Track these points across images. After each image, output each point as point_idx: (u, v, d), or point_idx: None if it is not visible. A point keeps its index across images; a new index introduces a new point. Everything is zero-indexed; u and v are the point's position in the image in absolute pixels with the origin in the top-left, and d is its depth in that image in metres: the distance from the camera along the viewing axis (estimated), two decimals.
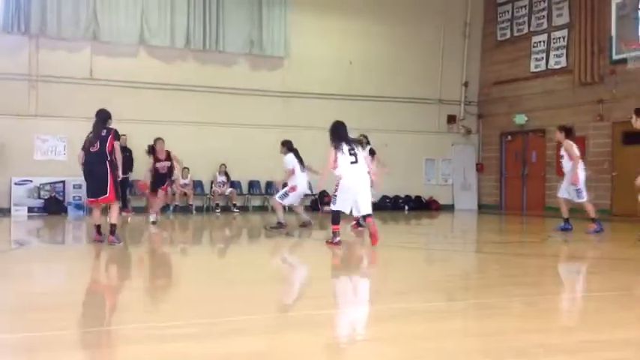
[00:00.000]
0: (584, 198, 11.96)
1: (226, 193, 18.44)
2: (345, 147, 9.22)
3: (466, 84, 21.60)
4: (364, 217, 9.66)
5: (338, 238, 9.28)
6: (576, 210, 12.53)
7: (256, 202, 19.33)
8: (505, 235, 12.38)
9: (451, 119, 21.47)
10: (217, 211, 18.00)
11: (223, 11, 18.72)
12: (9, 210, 16.42)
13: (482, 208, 21.02)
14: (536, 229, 14.80)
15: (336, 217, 9.30)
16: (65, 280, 7.06)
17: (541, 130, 19.66)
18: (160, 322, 4.61)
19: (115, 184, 9.24)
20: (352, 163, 9.20)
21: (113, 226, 9.26)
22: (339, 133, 9.37)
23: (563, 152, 12.10)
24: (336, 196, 9.27)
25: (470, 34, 21.55)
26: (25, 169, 16.75)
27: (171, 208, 17.64)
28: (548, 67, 19.43)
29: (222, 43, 18.74)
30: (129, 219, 15.46)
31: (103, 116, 9.55)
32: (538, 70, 19.76)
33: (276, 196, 12.81)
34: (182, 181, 17.73)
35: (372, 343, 4.15)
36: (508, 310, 5.19)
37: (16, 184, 16.62)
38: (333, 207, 9.33)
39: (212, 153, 18.26)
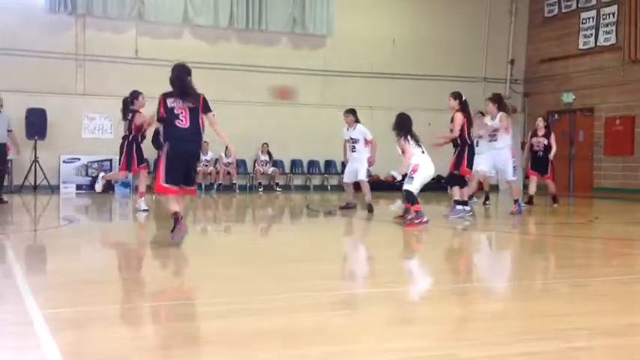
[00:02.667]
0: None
1: (269, 172, 18.56)
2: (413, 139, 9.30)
3: (512, 62, 21.24)
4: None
5: (426, 217, 9.09)
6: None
7: (298, 181, 19.42)
8: (551, 217, 12.20)
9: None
10: (260, 190, 18.14)
11: None
12: (58, 187, 16.81)
13: (527, 188, 20.67)
14: (584, 210, 14.54)
15: (415, 197, 9.23)
16: (112, 256, 7.22)
17: (589, 109, 19.25)
18: (207, 299, 4.69)
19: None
20: (422, 152, 9.32)
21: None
22: (408, 125, 9.41)
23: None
24: (413, 177, 9.14)
25: (516, 11, 21.14)
26: (73, 147, 17.12)
27: (215, 186, 17.87)
28: (597, 44, 18.96)
29: (265, 22, 18.76)
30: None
31: (181, 72, 7.34)
32: (586, 47, 19.30)
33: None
34: (225, 160, 17.90)
35: (417, 323, 4.16)
36: (554, 293, 5.14)
37: (64, 161, 16.99)
38: (411, 188, 9.21)
39: (255, 132, 18.35)
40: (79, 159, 17.09)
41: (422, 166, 9.13)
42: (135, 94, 10.96)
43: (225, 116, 17.61)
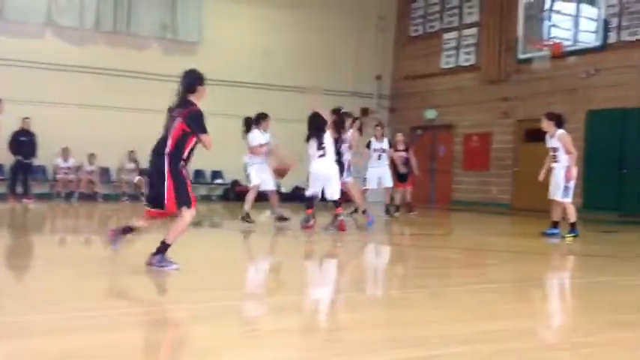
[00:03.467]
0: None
1: (134, 181, 18.02)
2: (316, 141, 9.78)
3: (379, 77, 21.92)
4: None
5: (311, 222, 10.02)
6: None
7: None
8: (412, 228, 12.69)
9: (365, 112, 21.74)
10: (125, 199, 17.57)
11: None
12: None
13: (392, 200, 21.38)
14: (443, 221, 15.26)
15: (309, 201, 10.11)
16: None
17: (449, 126, 20.22)
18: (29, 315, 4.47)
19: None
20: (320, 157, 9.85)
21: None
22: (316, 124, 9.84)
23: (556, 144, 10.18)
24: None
25: (384, 28, 21.86)
26: None
27: (76, 195, 17.14)
28: (458, 64, 19.99)
29: (134, 26, 18.24)
30: (30, 206, 14.88)
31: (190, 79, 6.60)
32: (448, 66, 20.29)
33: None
34: (88, 168, 17.22)
35: (281, 335, 4.16)
36: (413, 302, 5.33)
37: None
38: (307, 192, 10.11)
39: (121, 139, 17.75)
40: None
41: (312, 171, 9.66)
42: None
43: (89, 121, 17.16)
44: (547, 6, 14.86)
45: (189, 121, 6.17)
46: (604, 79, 15.96)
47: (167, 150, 6.15)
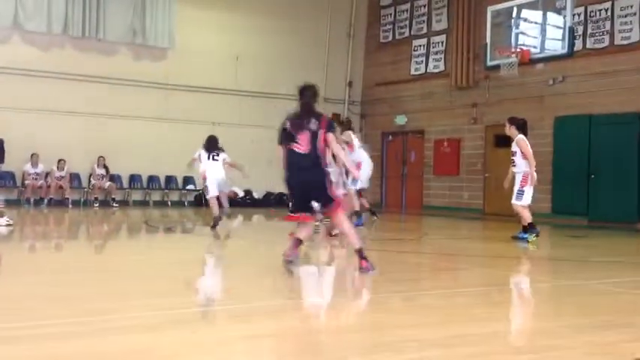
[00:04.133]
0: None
1: (105, 187, 17.86)
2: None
3: (350, 83, 22.02)
4: None
5: None
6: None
7: (137, 196, 18.84)
8: (384, 233, 12.76)
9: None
10: (96, 205, 17.40)
11: None
12: None
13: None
14: (414, 226, 15.36)
15: None
16: None
17: (420, 132, 20.38)
18: (36, 321, 4.42)
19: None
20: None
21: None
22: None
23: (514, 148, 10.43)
24: None
25: (354, 35, 21.97)
26: None
27: (46, 201, 16.94)
28: (428, 70, 20.16)
29: (103, 31, 18.08)
30: None
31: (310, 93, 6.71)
32: (418, 73, 20.46)
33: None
34: (57, 174, 17.02)
35: (251, 339, 4.16)
36: (386, 306, 5.37)
37: None
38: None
39: (90, 145, 17.61)
40: None
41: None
42: None
43: (58, 127, 16.97)
44: (514, 14, 15.06)
45: (329, 128, 6.47)
46: (571, 86, 16.25)
47: (322, 162, 6.47)
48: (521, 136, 10.32)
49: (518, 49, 14.81)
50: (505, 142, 12.15)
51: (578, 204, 15.83)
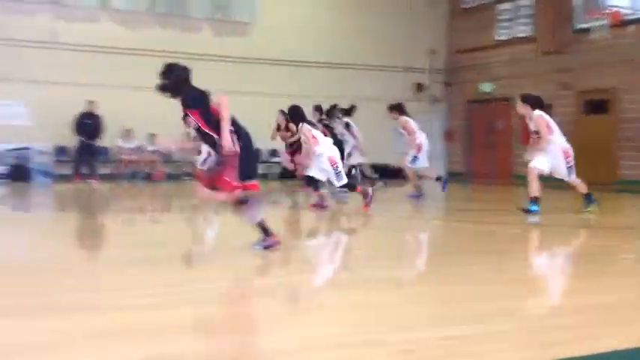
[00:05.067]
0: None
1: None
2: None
3: (433, 52, 21.62)
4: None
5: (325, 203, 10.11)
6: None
7: None
8: (473, 204, 12.56)
9: (418, 87, 21.52)
10: (187, 178, 17.90)
11: None
12: None
13: (452, 176, 21.19)
14: (505, 197, 14.93)
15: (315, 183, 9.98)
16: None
17: (506, 99, 19.83)
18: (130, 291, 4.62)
19: None
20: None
21: None
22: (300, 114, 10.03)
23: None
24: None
25: (435, 2, 21.50)
26: None
27: (141, 175, 17.68)
28: (514, 35, 19.55)
29: (187, 7, 18.45)
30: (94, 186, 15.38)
31: None
32: (503, 38, 19.87)
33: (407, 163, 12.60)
34: (149, 148, 17.49)
35: (333, 310, 4.20)
36: (471, 278, 5.27)
37: None
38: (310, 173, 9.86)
39: (179, 120, 18.00)
40: None
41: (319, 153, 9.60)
42: None
43: (148, 103, 17.35)
44: None
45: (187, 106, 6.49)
46: None
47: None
48: (537, 112, 9.44)
49: (608, 11, 14.17)
50: (597, 108, 11.73)
51: None
